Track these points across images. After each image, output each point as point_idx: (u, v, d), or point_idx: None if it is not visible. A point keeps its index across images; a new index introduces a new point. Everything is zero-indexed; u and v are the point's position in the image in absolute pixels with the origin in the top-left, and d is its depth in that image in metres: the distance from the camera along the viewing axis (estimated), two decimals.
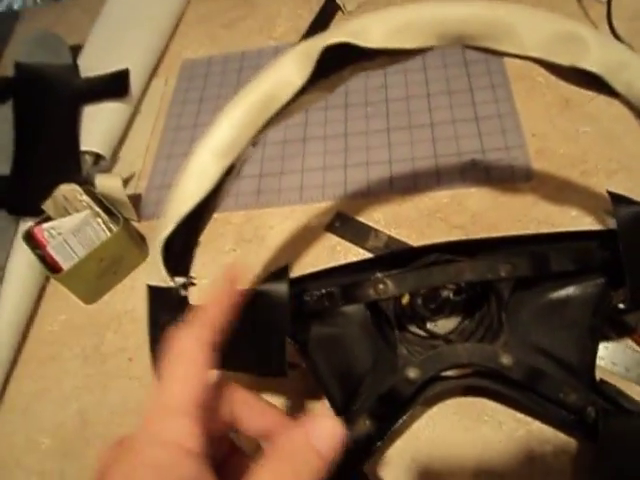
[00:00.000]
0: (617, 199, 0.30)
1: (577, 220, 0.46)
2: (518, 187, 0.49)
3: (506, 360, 0.32)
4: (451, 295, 0.39)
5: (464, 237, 0.48)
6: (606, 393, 0.33)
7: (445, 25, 0.30)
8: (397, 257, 0.36)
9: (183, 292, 0.30)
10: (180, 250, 0.30)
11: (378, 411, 0.33)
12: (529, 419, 0.37)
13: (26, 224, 0.53)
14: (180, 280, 0.30)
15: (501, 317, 0.34)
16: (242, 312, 0.31)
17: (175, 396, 0.20)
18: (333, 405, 0.34)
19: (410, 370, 0.33)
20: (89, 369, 0.48)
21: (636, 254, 0.29)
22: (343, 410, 0.34)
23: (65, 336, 0.51)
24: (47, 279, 0.54)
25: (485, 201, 0.49)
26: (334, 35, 0.29)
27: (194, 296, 0.40)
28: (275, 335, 0.30)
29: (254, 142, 0.31)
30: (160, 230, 0.29)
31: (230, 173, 0.30)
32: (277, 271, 0.31)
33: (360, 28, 0.30)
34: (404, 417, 0.34)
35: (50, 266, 0.49)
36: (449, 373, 0.34)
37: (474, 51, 0.31)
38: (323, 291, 0.34)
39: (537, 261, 0.32)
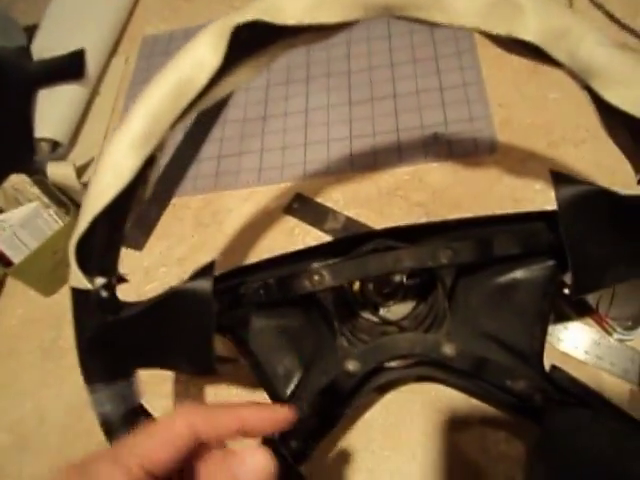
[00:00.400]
0: (559, 178, 0.28)
1: (541, 194, 0.44)
2: (482, 160, 0.47)
3: (449, 350, 0.31)
4: (404, 279, 0.37)
5: (424, 215, 0.46)
6: (556, 381, 0.31)
7: None
8: (339, 245, 0.34)
9: (104, 293, 0.29)
10: (103, 248, 0.29)
11: (320, 405, 0.32)
12: (483, 405, 0.36)
13: None
14: (100, 281, 0.29)
15: (445, 304, 0.32)
16: (167, 311, 0.29)
17: (132, 453, 0.19)
18: (274, 400, 0.33)
19: (349, 363, 0.32)
20: (47, 363, 0.47)
21: (578, 237, 0.27)
22: (286, 404, 0.33)
23: (23, 330, 0.50)
24: (5, 273, 0.53)
25: (447, 176, 0.47)
26: (246, 12, 0.27)
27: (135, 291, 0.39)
28: (201, 334, 0.28)
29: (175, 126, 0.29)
30: (74, 230, 0.28)
31: (151, 163, 0.29)
32: (202, 268, 0.29)
33: (272, 3, 0.27)
34: (347, 411, 0.33)
35: (2, 260, 0.48)
36: (392, 364, 0.33)
37: (404, 21, 0.29)
38: (259, 283, 0.32)
39: (480, 246, 0.30)
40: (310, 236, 0.47)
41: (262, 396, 0.34)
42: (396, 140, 0.50)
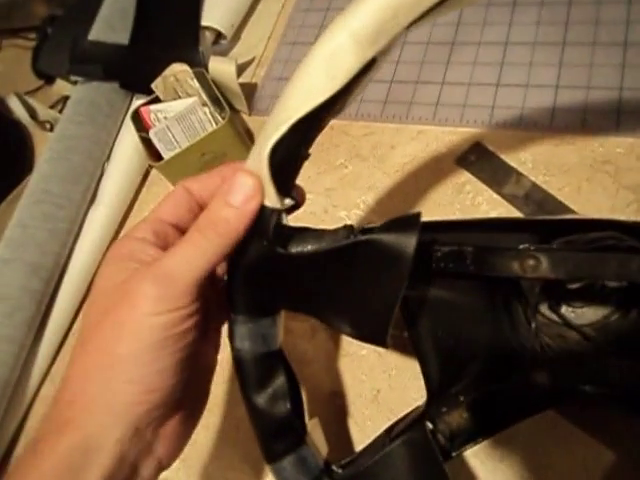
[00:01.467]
0: None
1: None
2: None
3: None
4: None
5: (634, 203, 0.37)
6: None
7: None
8: (553, 225, 0.27)
9: (279, 218, 0.24)
10: (285, 161, 0.24)
11: (482, 406, 0.27)
12: None
13: (138, 102, 0.50)
14: (288, 202, 0.24)
15: None
16: (350, 260, 0.24)
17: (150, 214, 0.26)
18: (428, 382, 0.29)
19: (538, 372, 0.26)
20: None
21: None
22: (438, 391, 0.29)
23: None
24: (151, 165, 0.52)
25: None
26: None
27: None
28: (383, 298, 0.23)
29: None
30: (267, 132, 0.23)
31: (370, 69, 0.23)
32: (406, 218, 0.24)
33: None
34: (513, 423, 0.27)
35: (152, 152, 0.46)
36: (588, 388, 0.27)
37: None
38: (452, 248, 0.26)
39: None
40: (483, 197, 0.40)
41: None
42: (617, 100, 0.40)
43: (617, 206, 0.37)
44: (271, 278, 0.25)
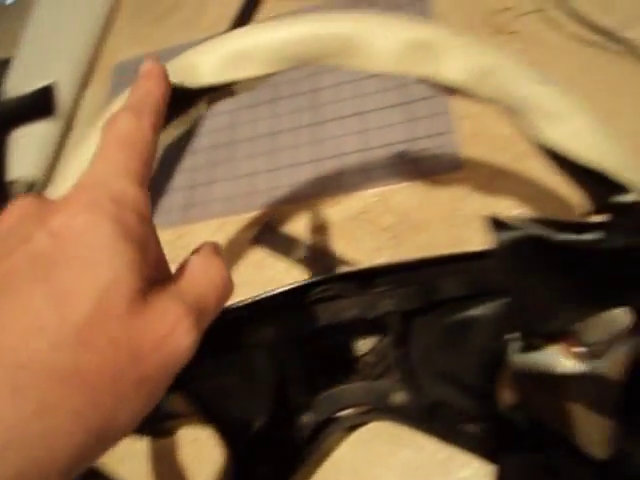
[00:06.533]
0: (493, 224, 0.27)
1: (510, 211, 0.43)
2: (448, 178, 0.46)
3: (398, 398, 0.30)
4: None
5: (392, 239, 0.45)
6: (514, 421, 0.30)
7: (284, 49, 0.27)
8: (289, 294, 0.33)
9: None
10: None
11: (276, 457, 0.32)
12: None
13: None
14: None
15: (394, 352, 0.31)
16: None
17: (122, 163, 0.18)
18: (235, 454, 0.33)
19: (304, 415, 0.31)
20: None
21: (519, 281, 0.26)
22: (246, 458, 0.33)
23: None
24: None
25: (414, 197, 0.46)
26: None
27: None
28: None
29: None
30: None
31: None
32: None
33: (189, 64, 0.27)
34: (304, 461, 0.32)
35: None
36: (344, 413, 0.32)
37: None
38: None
39: (425, 290, 0.30)
40: (280, 267, 0.47)
41: None
42: (364, 160, 0.49)
43: (381, 244, 0.45)
44: None
